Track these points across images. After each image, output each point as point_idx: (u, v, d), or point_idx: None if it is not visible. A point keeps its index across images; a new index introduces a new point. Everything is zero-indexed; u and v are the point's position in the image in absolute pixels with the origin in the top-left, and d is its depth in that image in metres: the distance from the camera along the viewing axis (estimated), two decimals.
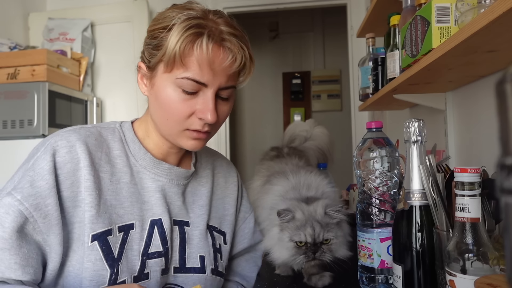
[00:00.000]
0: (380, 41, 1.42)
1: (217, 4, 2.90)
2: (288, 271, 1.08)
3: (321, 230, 0.92)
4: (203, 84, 0.72)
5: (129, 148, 0.80)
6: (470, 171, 0.61)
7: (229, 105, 0.79)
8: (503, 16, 0.55)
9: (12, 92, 2.31)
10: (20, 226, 0.65)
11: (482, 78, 1.03)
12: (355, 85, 2.89)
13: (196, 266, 0.82)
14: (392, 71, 1.16)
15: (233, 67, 0.74)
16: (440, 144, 1.25)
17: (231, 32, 0.74)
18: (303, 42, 4.74)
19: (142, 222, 0.77)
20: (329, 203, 0.95)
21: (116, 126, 0.82)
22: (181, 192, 0.84)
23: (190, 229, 0.84)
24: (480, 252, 0.59)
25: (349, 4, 2.96)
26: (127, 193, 0.77)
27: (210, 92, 0.73)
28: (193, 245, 0.83)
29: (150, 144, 0.82)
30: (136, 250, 0.75)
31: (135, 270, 0.74)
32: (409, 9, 1.08)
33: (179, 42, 0.70)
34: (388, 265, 0.84)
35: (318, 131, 1.64)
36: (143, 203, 0.78)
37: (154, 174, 0.80)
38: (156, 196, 0.80)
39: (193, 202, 0.87)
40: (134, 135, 0.81)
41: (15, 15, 2.87)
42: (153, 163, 0.81)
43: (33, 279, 0.67)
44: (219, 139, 2.95)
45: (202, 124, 0.75)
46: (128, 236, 0.75)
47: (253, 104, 4.72)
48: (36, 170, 0.69)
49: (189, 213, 0.85)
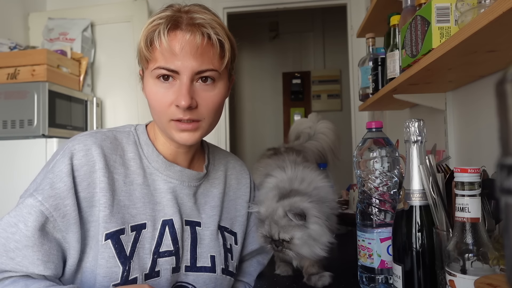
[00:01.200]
0: (380, 41, 1.42)
1: (217, 4, 2.90)
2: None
3: (277, 231, 0.92)
4: (174, 71, 0.75)
5: (142, 151, 0.83)
6: (470, 171, 0.61)
7: (216, 92, 0.79)
8: (503, 16, 0.55)
9: (12, 92, 2.31)
10: (42, 225, 0.71)
11: (482, 78, 1.03)
12: (355, 85, 2.89)
13: (206, 266, 0.85)
14: (392, 71, 1.16)
15: (195, 46, 0.74)
16: (440, 144, 1.25)
17: (191, 16, 0.76)
18: (303, 42, 4.73)
19: (154, 222, 0.80)
20: (294, 205, 0.91)
21: (131, 130, 0.86)
22: (192, 194, 0.86)
23: (201, 229, 0.86)
24: (480, 252, 0.59)
25: (349, 4, 2.96)
26: (140, 194, 0.80)
27: (183, 78, 0.75)
28: (204, 245, 0.86)
29: (160, 145, 0.85)
30: (148, 249, 0.78)
31: (146, 268, 0.77)
32: (409, 9, 1.08)
33: (142, 39, 0.76)
34: (388, 265, 0.84)
35: (322, 127, 1.58)
36: (155, 204, 0.81)
37: (166, 176, 0.83)
38: (168, 197, 0.82)
39: (205, 203, 0.89)
40: (148, 138, 0.85)
41: (15, 15, 2.87)
42: (165, 165, 0.83)
43: (54, 274, 0.72)
44: (219, 139, 2.95)
45: (181, 112, 0.75)
46: (140, 235, 0.78)
47: (253, 104, 4.72)
48: (56, 172, 0.74)
49: (200, 214, 0.87)
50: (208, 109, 0.78)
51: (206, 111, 0.78)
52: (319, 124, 1.58)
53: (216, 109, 0.80)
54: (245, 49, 4.64)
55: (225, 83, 0.81)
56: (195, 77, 0.76)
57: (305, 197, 0.94)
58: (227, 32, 0.79)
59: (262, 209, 0.95)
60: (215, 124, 0.83)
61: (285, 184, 0.99)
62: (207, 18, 0.76)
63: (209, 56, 0.76)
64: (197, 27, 0.75)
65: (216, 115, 0.81)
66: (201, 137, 0.81)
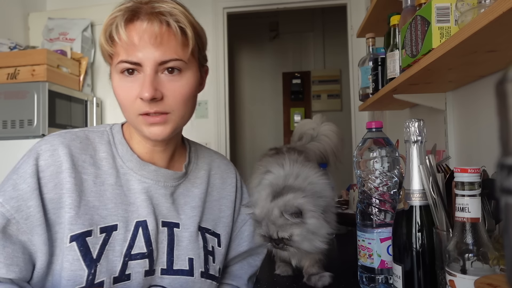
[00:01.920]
0: (380, 41, 1.42)
1: (217, 4, 2.90)
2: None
3: (275, 230, 0.91)
4: (136, 64, 0.72)
5: (117, 150, 0.81)
6: (470, 171, 0.61)
7: (184, 82, 0.75)
8: (503, 16, 0.55)
9: (12, 92, 2.31)
10: (3, 227, 0.68)
11: (482, 78, 1.03)
12: (355, 85, 2.89)
13: (184, 269, 0.81)
14: (392, 71, 1.16)
15: (153, 34, 0.71)
16: (440, 144, 1.25)
17: (151, 6, 0.73)
18: (303, 42, 4.74)
19: (126, 223, 0.77)
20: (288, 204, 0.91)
21: (106, 129, 0.83)
22: (169, 194, 0.83)
23: (180, 230, 0.83)
24: (480, 252, 0.59)
25: (349, 4, 2.96)
26: (112, 195, 0.77)
27: (147, 69, 0.72)
28: (182, 247, 0.82)
29: (135, 144, 0.82)
30: (118, 251, 0.75)
31: (115, 271, 0.74)
32: (409, 9, 1.08)
33: (102, 34, 0.75)
34: (388, 265, 0.84)
35: (326, 129, 1.56)
36: (128, 205, 0.78)
37: (140, 176, 0.80)
38: (142, 197, 0.79)
39: (185, 203, 0.85)
40: (122, 137, 0.82)
41: (15, 15, 2.87)
42: (139, 164, 0.80)
43: (19, 277, 0.69)
44: (219, 139, 2.95)
45: (147, 105, 0.72)
46: (111, 237, 0.75)
47: (253, 104, 4.72)
48: (20, 173, 0.72)
49: (179, 215, 0.84)
50: (176, 101, 0.75)
51: (174, 103, 0.75)
52: (322, 126, 1.58)
53: (186, 100, 0.76)
54: (245, 49, 4.65)
55: (194, 74, 0.78)
56: (159, 68, 0.73)
57: (298, 192, 0.93)
58: (190, 19, 0.76)
59: (257, 211, 0.94)
60: (188, 117, 0.80)
61: (279, 181, 0.98)
62: (167, 7, 0.73)
63: (172, 45, 0.73)
64: (155, 15, 0.72)
65: (187, 107, 0.77)
66: (173, 131, 0.77)
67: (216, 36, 2.95)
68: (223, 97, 3.00)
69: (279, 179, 0.99)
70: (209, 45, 0.87)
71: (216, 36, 2.95)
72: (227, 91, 3.02)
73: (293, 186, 0.96)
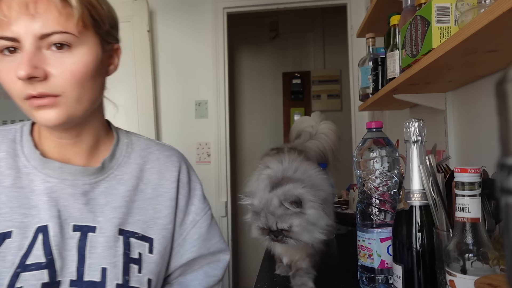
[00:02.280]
0: (380, 41, 1.42)
1: (217, 4, 2.90)
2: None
3: (274, 221, 0.90)
4: (13, 39, 0.62)
5: (22, 149, 0.73)
6: (470, 171, 0.61)
7: (75, 59, 0.66)
8: (503, 16, 0.54)
9: None
10: None
11: (482, 78, 1.03)
12: (355, 85, 2.89)
13: (95, 280, 0.69)
14: (392, 71, 1.16)
15: (24, 3, 0.62)
16: (440, 144, 1.25)
17: None
18: (303, 42, 4.74)
19: (24, 229, 0.68)
20: (288, 193, 0.90)
21: (16, 127, 0.76)
22: (80, 193, 0.73)
23: (95, 235, 0.72)
24: (480, 252, 0.59)
25: (349, 4, 2.96)
26: (7, 198, 0.69)
27: (25, 45, 0.62)
28: (95, 254, 0.71)
29: (43, 139, 0.74)
30: (10, 261, 0.66)
31: (2, 284, 0.65)
32: (409, 9, 1.08)
33: None
34: (388, 265, 0.84)
35: (324, 128, 1.57)
36: (29, 208, 0.70)
37: (44, 175, 0.72)
38: (44, 199, 0.70)
39: (105, 203, 0.74)
40: (29, 134, 0.75)
41: None
42: (41, 162, 0.72)
43: None
44: (219, 139, 2.95)
45: (29, 86, 0.63)
46: (1, 245, 0.67)
47: (253, 104, 4.72)
48: None
49: (97, 217, 0.73)
50: (66, 80, 0.65)
51: (65, 83, 0.65)
52: (321, 124, 1.58)
53: (80, 80, 0.66)
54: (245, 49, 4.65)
55: (90, 50, 0.68)
56: (41, 43, 0.63)
57: (297, 183, 0.92)
58: None
59: (255, 201, 0.93)
60: (88, 99, 0.70)
61: (277, 174, 0.97)
62: None
63: (53, 15, 0.63)
64: None
65: (84, 88, 0.67)
66: (69, 116, 0.67)
67: (216, 36, 2.95)
68: (223, 97, 3.00)
69: (277, 172, 0.99)
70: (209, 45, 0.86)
71: (216, 36, 2.95)
72: (227, 91, 3.02)
73: (292, 177, 0.96)
